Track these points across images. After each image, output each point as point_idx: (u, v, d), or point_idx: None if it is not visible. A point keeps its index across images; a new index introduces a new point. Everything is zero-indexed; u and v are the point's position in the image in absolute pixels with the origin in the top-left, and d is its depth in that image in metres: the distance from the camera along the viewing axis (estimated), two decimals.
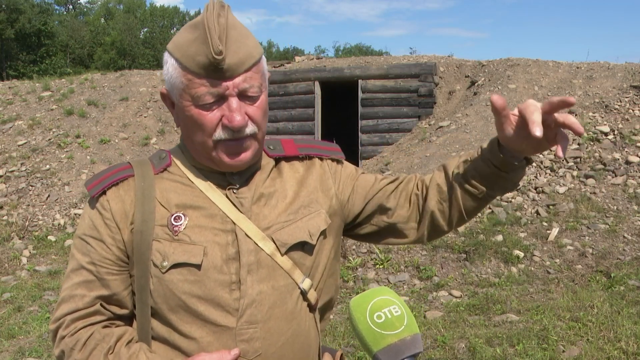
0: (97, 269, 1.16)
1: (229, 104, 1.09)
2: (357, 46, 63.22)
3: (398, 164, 8.71)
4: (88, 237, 1.17)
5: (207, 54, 1.05)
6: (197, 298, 1.12)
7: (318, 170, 1.30)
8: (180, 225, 1.14)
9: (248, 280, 1.14)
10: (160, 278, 1.13)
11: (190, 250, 1.12)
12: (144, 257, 1.14)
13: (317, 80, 10.73)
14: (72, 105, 10.59)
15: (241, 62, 1.08)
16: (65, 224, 7.70)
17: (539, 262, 5.97)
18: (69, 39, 47.34)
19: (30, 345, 4.50)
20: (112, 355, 1.12)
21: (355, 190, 1.32)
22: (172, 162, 1.22)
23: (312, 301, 1.22)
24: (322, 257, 1.24)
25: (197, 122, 1.11)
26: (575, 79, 9.25)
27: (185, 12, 60.08)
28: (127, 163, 1.22)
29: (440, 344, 4.33)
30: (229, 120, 1.09)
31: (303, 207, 1.23)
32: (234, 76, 1.08)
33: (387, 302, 0.89)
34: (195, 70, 1.07)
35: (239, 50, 1.08)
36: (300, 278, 1.19)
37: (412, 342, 0.86)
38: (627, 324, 4.43)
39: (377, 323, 0.87)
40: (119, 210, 1.16)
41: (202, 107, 1.09)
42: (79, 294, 1.16)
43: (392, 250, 6.31)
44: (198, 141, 1.14)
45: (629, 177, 7.20)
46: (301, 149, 1.29)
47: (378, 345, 0.86)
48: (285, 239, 1.18)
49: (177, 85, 1.11)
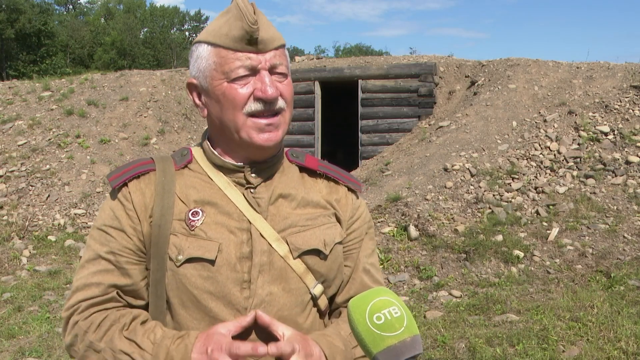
0: (116, 258, 1.16)
1: (261, 76, 1.13)
2: (357, 46, 63.20)
3: (398, 164, 8.71)
4: (108, 227, 1.17)
5: (243, 25, 1.10)
6: (208, 294, 1.13)
7: (342, 199, 1.29)
8: (197, 221, 1.15)
9: (259, 281, 1.14)
10: (175, 271, 1.13)
11: (205, 246, 1.13)
12: (161, 250, 1.14)
13: (317, 80, 10.73)
14: (72, 105, 10.59)
15: (272, 38, 1.14)
16: (65, 224, 7.70)
17: (539, 262, 5.97)
18: (69, 39, 47.34)
19: (30, 345, 4.50)
20: (126, 332, 1.11)
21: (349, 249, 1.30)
22: (194, 159, 1.23)
23: (322, 307, 1.23)
24: (336, 266, 1.24)
25: (229, 97, 1.13)
26: (575, 79, 9.25)
27: (185, 12, 60.09)
28: (150, 158, 1.24)
29: (440, 344, 4.33)
30: (263, 91, 1.12)
31: (322, 216, 1.23)
32: (266, 50, 1.13)
33: (387, 303, 0.89)
34: (229, 45, 1.12)
35: (269, 28, 1.15)
36: (312, 283, 1.19)
37: (412, 344, 0.86)
38: (627, 324, 4.43)
39: (376, 324, 0.86)
40: (140, 203, 1.17)
41: (235, 81, 1.12)
42: (95, 282, 1.15)
43: (392, 250, 6.31)
44: (229, 119, 1.15)
45: (629, 177, 7.20)
46: (321, 167, 1.30)
47: (378, 347, 0.86)
48: (300, 244, 1.18)
49: (208, 67, 1.15)
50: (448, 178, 7.48)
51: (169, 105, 11.01)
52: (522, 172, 7.53)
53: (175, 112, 10.90)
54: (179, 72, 12.22)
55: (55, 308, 5.38)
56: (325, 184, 1.29)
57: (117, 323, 1.12)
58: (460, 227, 6.55)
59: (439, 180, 7.48)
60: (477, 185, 7.34)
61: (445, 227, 6.60)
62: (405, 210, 6.94)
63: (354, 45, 64.08)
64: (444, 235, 6.45)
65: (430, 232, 6.49)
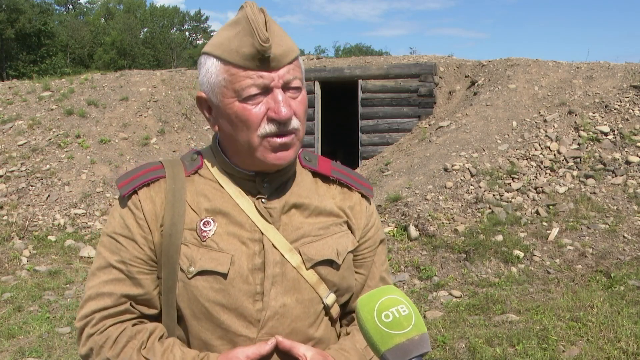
0: (127, 267, 1.14)
1: (274, 95, 1.08)
2: (357, 46, 63.16)
3: (398, 164, 8.71)
4: (118, 235, 1.15)
5: (254, 42, 1.04)
6: (220, 307, 1.11)
7: (356, 206, 1.27)
8: (209, 231, 1.13)
9: (272, 292, 1.13)
10: (186, 283, 1.12)
11: (218, 258, 1.11)
12: (172, 260, 1.12)
13: (317, 80, 10.73)
14: (72, 105, 10.58)
15: (285, 53, 1.08)
16: (65, 224, 7.70)
17: (539, 262, 5.98)
18: (69, 39, 47.30)
19: (30, 345, 4.50)
20: (144, 350, 1.09)
21: (363, 257, 1.29)
22: (204, 164, 1.20)
23: (334, 316, 1.22)
24: (348, 274, 1.23)
25: (242, 118, 1.08)
26: (575, 79, 9.26)
27: (185, 12, 60.06)
28: (159, 163, 1.21)
29: (440, 344, 4.33)
30: (276, 112, 1.07)
31: (334, 225, 1.22)
32: (279, 67, 1.07)
33: (395, 302, 0.89)
34: (239, 62, 1.06)
35: (281, 42, 1.08)
36: (325, 293, 1.18)
37: (420, 342, 0.86)
38: (627, 324, 4.44)
39: (385, 322, 0.86)
40: (150, 211, 1.15)
41: (247, 101, 1.07)
42: (107, 291, 1.13)
43: (392, 250, 6.31)
44: (243, 140, 1.11)
45: (629, 177, 7.20)
46: (334, 171, 1.27)
47: (386, 345, 0.86)
48: (313, 254, 1.16)
49: (218, 83, 1.09)
50: (448, 178, 7.49)
51: (169, 105, 11.00)
52: (522, 172, 7.53)
53: (175, 112, 10.90)
54: (179, 72, 12.22)
55: (55, 308, 5.38)
56: (338, 189, 1.27)
57: (134, 340, 1.10)
58: (460, 227, 6.55)
59: (439, 180, 7.49)
60: (477, 185, 7.34)
61: (445, 227, 6.60)
62: (405, 210, 6.95)
63: (354, 45, 64.05)
64: (444, 235, 6.45)
65: (430, 232, 6.50)
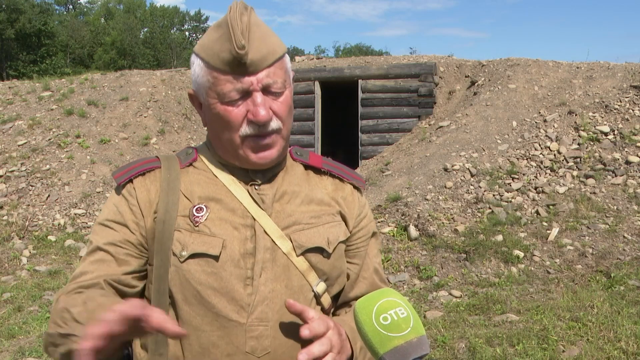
0: (115, 249, 1.16)
1: (254, 98, 1.11)
2: (357, 46, 63.18)
3: (398, 164, 8.71)
4: (110, 221, 1.18)
5: (231, 49, 1.08)
6: (212, 290, 1.13)
7: (348, 197, 1.30)
8: (201, 217, 1.16)
9: (262, 277, 1.15)
10: (178, 267, 1.13)
11: (210, 242, 1.13)
12: (164, 246, 1.14)
13: (317, 80, 10.73)
14: (72, 105, 10.58)
15: (264, 57, 1.11)
16: (65, 224, 7.70)
17: (539, 262, 5.98)
18: (69, 39, 47.30)
19: (30, 345, 4.50)
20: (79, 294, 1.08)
21: (356, 247, 1.31)
22: (198, 157, 1.25)
23: (325, 305, 1.23)
24: (339, 264, 1.24)
25: (224, 119, 1.13)
26: (575, 78, 9.25)
27: (185, 12, 60.05)
28: (155, 157, 1.25)
29: (440, 344, 4.33)
30: (254, 115, 1.11)
31: (326, 215, 1.24)
32: (257, 71, 1.11)
33: (393, 304, 0.89)
34: (220, 67, 1.10)
35: (261, 46, 1.11)
36: (315, 281, 1.19)
37: (419, 344, 0.86)
38: (627, 324, 4.44)
39: (383, 325, 0.87)
40: (144, 199, 1.18)
41: (228, 104, 1.12)
42: (89, 270, 1.15)
43: (392, 250, 6.31)
44: (225, 138, 1.16)
45: (629, 177, 7.20)
46: (325, 164, 1.30)
47: (384, 348, 0.86)
48: (304, 241, 1.18)
49: (203, 84, 1.15)
50: (448, 178, 7.49)
51: (169, 105, 11.00)
52: (522, 172, 7.53)
53: (175, 112, 10.90)
54: (179, 72, 12.22)
55: None
56: (330, 181, 1.30)
57: (83, 295, 1.09)
58: (460, 227, 6.55)
59: (439, 180, 7.49)
60: (477, 185, 7.34)
61: (445, 227, 6.60)
62: (405, 210, 6.95)
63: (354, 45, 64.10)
64: (444, 235, 6.45)
65: (430, 232, 6.50)
